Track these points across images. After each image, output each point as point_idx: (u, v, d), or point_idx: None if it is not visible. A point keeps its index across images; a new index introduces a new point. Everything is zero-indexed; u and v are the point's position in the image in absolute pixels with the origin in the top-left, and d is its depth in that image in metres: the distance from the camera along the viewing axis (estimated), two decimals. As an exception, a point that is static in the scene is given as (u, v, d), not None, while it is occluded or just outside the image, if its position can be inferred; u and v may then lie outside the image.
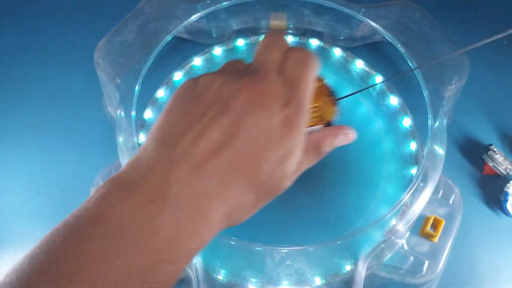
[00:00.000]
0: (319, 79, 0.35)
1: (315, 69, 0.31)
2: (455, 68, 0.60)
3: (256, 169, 0.27)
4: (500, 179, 0.62)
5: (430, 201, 0.55)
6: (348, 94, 0.42)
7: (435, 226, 0.55)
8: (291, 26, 0.71)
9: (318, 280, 0.51)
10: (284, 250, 0.49)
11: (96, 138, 0.65)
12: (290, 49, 0.31)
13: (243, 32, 0.71)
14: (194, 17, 0.64)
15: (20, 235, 0.58)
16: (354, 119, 0.65)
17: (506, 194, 0.59)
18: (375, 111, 0.65)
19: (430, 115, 0.57)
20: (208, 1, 0.65)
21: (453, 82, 0.59)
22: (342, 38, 0.70)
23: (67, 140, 0.65)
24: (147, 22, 0.62)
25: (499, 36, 0.34)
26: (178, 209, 0.25)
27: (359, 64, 0.68)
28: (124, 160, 0.54)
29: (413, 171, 0.60)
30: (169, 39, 0.62)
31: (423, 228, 0.55)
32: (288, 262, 0.49)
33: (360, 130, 0.64)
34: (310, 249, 0.49)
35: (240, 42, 0.70)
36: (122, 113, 0.56)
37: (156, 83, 0.67)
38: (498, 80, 0.70)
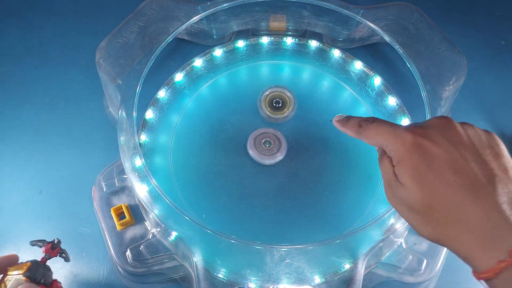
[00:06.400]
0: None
1: None
2: (453, 69, 0.60)
3: None
4: (497, 179, 0.62)
5: (428, 200, 0.56)
6: None
7: (433, 225, 0.55)
8: (290, 27, 0.71)
9: (317, 279, 0.52)
10: (284, 248, 0.49)
11: (98, 138, 0.65)
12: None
13: (243, 34, 0.71)
14: (195, 18, 0.64)
15: (22, 234, 0.59)
16: (353, 119, 0.65)
17: (504, 193, 0.59)
18: (373, 111, 0.66)
19: (428, 116, 0.57)
20: (208, 3, 0.65)
21: (451, 82, 0.60)
22: (341, 39, 0.71)
23: (68, 140, 0.65)
24: (148, 23, 0.63)
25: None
26: None
27: (358, 65, 0.69)
28: (125, 160, 0.54)
29: (412, 170, 0.60)
30: (170, 40, 0.63)
31: (421, 227, 0.55)
32: (287, 261, 0.50)
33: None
34: (310, 247, 0.49)
35: (240, 43, 0.71)
36: (124, 113, 0.56)
37: (157, 84, 0.67)
38: (495, 81, 0.71)
